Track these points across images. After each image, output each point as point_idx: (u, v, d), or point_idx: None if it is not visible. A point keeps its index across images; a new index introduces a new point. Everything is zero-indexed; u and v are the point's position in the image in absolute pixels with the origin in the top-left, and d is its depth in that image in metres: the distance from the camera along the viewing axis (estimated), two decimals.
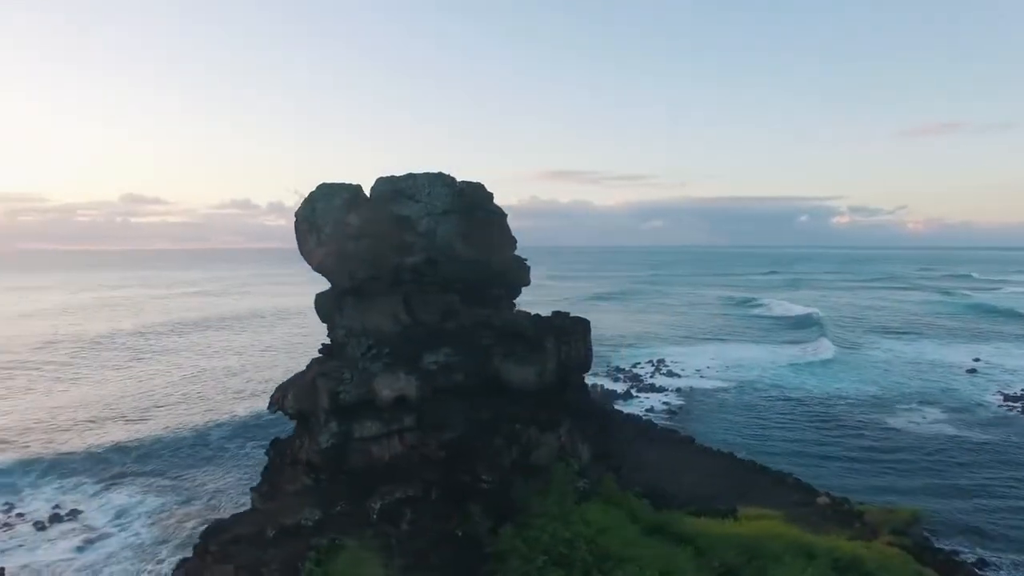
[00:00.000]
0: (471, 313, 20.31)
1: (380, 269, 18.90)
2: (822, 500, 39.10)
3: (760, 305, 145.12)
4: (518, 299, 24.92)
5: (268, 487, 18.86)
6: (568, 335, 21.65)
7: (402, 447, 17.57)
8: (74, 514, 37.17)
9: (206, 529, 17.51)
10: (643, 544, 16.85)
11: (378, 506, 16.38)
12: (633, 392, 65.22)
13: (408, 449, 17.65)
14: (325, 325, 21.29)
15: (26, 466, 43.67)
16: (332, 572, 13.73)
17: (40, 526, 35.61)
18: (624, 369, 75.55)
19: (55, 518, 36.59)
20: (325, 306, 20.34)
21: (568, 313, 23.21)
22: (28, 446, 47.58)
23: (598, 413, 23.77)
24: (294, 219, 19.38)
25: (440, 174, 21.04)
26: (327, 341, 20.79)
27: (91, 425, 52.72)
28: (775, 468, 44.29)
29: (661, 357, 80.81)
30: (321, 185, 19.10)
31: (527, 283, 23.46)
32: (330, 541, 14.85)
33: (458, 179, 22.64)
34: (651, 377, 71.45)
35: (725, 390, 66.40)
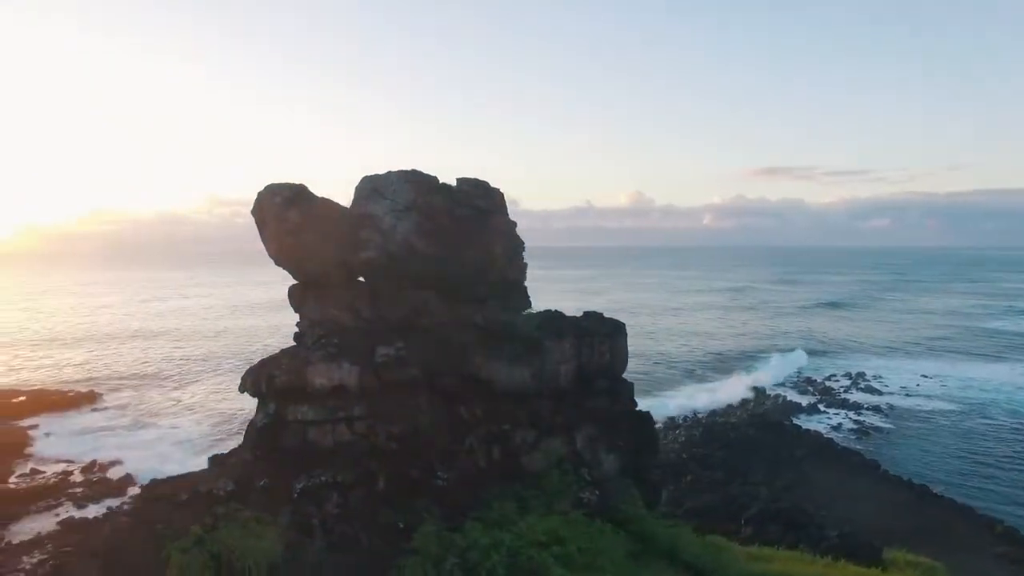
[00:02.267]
0: (450, 311, 20.14)
1: (326, 264, 19.48)
2: None
3: None
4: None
5: (223, 458, 20.29)
6: (590, 337, 20.73)
7: (350, 435, 18.03)
8: None
9: (143, 487, 19.51)
10: (596, 566, 14.77)
11: (300, 486, 16.69)
12: (820, 407, 57.54)
13: (358, 438, 18.01)
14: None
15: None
16: (220, 538, 14.20)
17: None
18: (815, 381, 67.02)
19: None
20: (295, 297, 21.35)
21: (601, 314, 22.22)
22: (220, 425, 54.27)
23: (637, 424, 21.63)
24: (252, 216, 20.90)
25: (412, 171, 21.24)
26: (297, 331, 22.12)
27: None
28: (983, 512, 36.05)
29: (862, 370, 70.07)
30: (268, 185, 20.19)
31: (521, 281, 22.67)
32: (229, 509, 15.30)
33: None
34: (845, 392, 62.41)
35: (939, 413, 55.51)
